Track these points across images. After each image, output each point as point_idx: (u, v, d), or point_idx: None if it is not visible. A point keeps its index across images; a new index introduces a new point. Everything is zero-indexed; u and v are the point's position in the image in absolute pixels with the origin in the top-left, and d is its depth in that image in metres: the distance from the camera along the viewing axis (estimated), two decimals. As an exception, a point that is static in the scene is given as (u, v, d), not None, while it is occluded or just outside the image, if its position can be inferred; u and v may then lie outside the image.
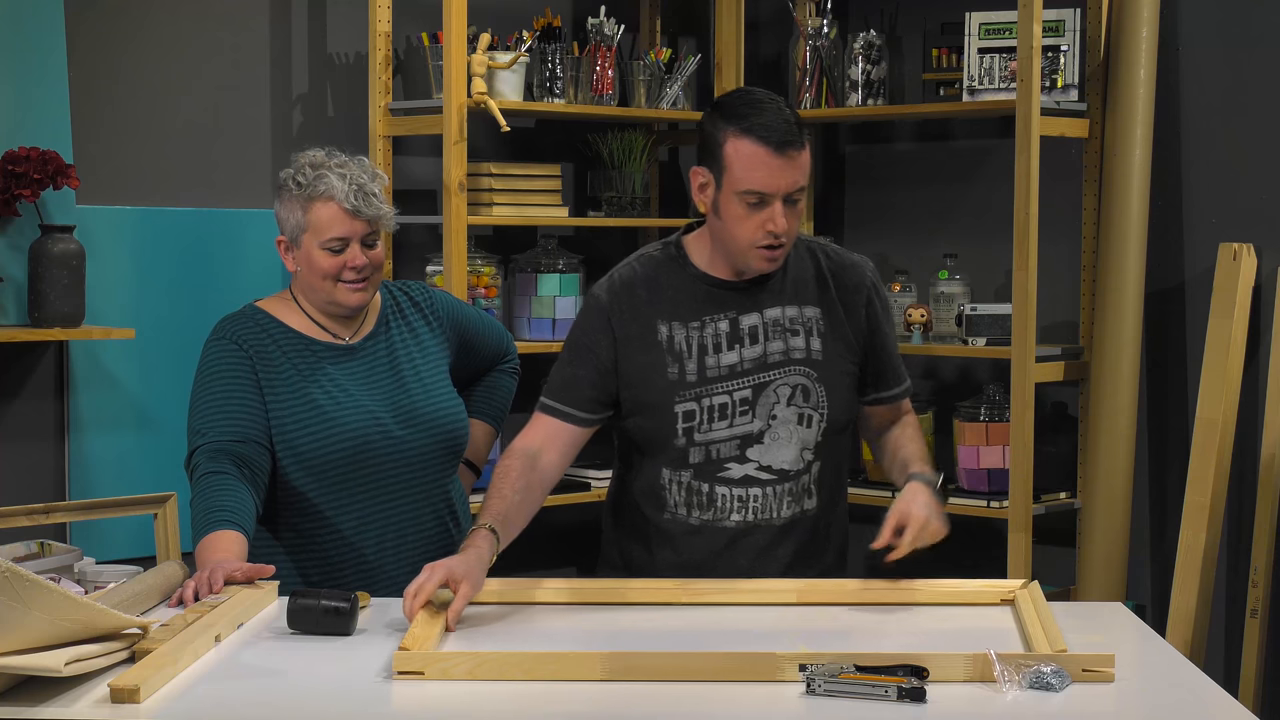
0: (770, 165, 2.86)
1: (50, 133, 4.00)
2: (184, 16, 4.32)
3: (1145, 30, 4.49)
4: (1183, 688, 2.47)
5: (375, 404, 3.15)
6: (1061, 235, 4.66)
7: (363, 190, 3.10)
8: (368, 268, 3.13)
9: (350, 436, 3.11)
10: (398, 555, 3.17)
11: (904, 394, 3.16)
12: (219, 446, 3.03)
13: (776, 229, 2.89)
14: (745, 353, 2.99)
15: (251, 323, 3.17)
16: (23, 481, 4.05)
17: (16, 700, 2.24)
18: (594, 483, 4.84)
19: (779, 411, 3.00)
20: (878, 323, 3.07)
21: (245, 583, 2.82)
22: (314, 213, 3.10)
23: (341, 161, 3.14)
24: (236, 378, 3.10)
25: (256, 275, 4.38)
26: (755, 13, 5.19)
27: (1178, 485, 4.44)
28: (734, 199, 2.90)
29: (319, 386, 3.13)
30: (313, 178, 3.10)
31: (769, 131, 2.86)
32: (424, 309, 3.30)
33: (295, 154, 3.19)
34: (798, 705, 2.31)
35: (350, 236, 3.10)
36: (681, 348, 2.99)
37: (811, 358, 3.00)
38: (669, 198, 5.28)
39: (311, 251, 3.11)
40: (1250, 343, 4.37)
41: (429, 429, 3.18)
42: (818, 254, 3.07)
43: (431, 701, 2.34)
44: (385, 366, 3.20)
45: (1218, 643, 4.44)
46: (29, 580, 2.24)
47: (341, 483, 3.13)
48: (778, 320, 3.00)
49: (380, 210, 3.13)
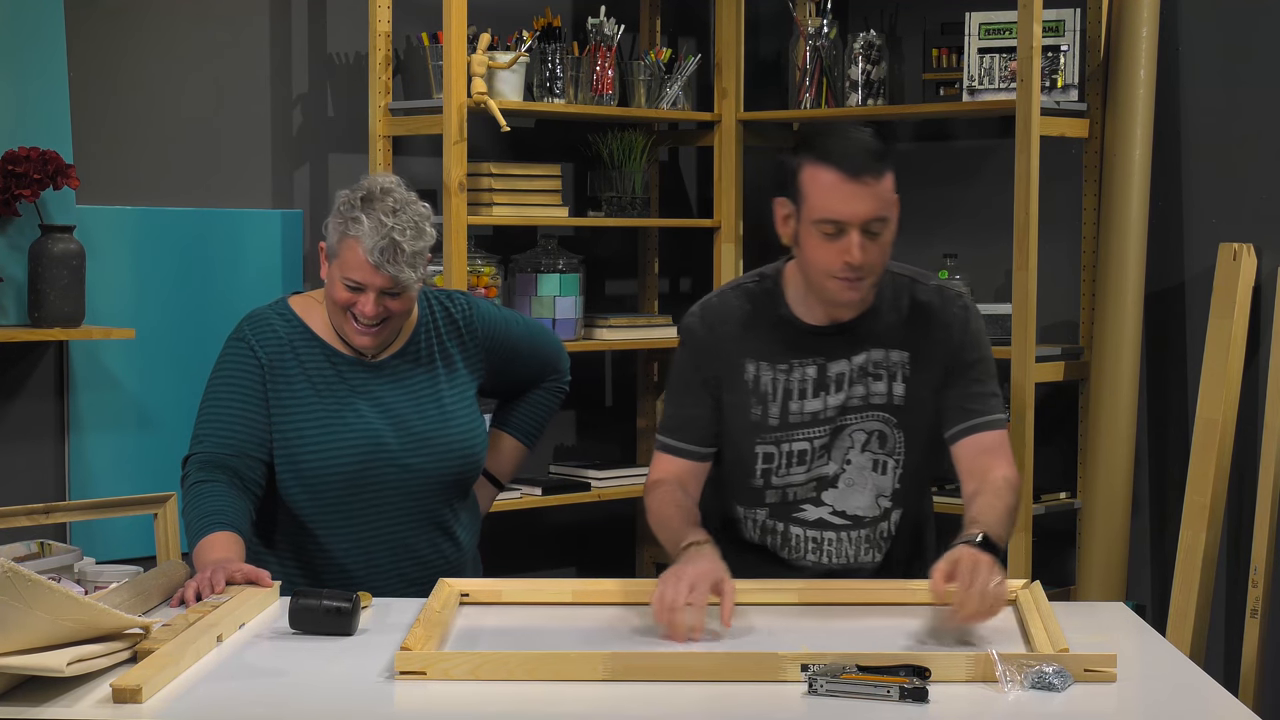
0: (845, 192, 2.77)
1: (50, 133, 4.00)
2: (184, 16, 4.32)
3: (1145, 30, 4.49)
4: (1184, 687, 2.47)
5: (386, 427, 3.10)
6: (1061, 235, 4.67)
7: (393, 246, 2.96)
8: (378, 317, 3.03)
9: (353, 458, 3.07)
10: (386, 575, 3.14)
11: (975, 429, 2.92)
12: (210, 458, 3.03)
13: (853, 260, 2.78)
14: (829, 400, 2.92)
15: (276, 325, 3.12)
16: (23, 481, 4.05)
17: (18, 700, 2.24)
18: (594, 483, 4.84)
19: (853, 457, 2.94)
20: (958, 360, 2.93)
21: (246, 584, 2.82)
22: (344, 245, 3.01)
23: (393, 206, 2.99)
24: (243, 387, 3.07)
25: (256, 275, 4.39)
26: (755, 13, 5.19)
27: (1178, 485, 4.44)
28: (812, 228, 2.80)
29: (330, 402, 3.09)
30: (354, 213, 3.00)
31: (844, 158, 2.77)
32: (461, 327, 3.20)
33: (366, 175, 3.07)
34: (800, 705, 2.31)
35: (366, 285, 3.01)
36: (767, 390, 2.93)
37: (893, 403, 2.93)
38: (669, 198, 5.28)
39: (334, 278, 3.04)
40: (1250, 343, 4.37)
41: (439, 457, 3.13)
42: (912, 292, 2.95)
43: (433, 702, 2.34)
44: (406, 389, 3.13)
45: (1218, 643, 4.44)
46: (31, 580, 2.24)
47: (338, 503, 3.09)
48: (863, 365, 2.92)
49: (403, 273, 2.98)
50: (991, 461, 2.89)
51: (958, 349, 2.93)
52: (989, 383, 2.94)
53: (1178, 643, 4.13)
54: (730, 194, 5.00)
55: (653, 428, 5.14)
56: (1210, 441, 4.28)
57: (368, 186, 3.02)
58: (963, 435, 2.92)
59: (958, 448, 2.93)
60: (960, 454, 2.93)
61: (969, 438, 2.92)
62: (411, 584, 3.14)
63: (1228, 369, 4.28)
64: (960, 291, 2.98)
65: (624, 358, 5.24)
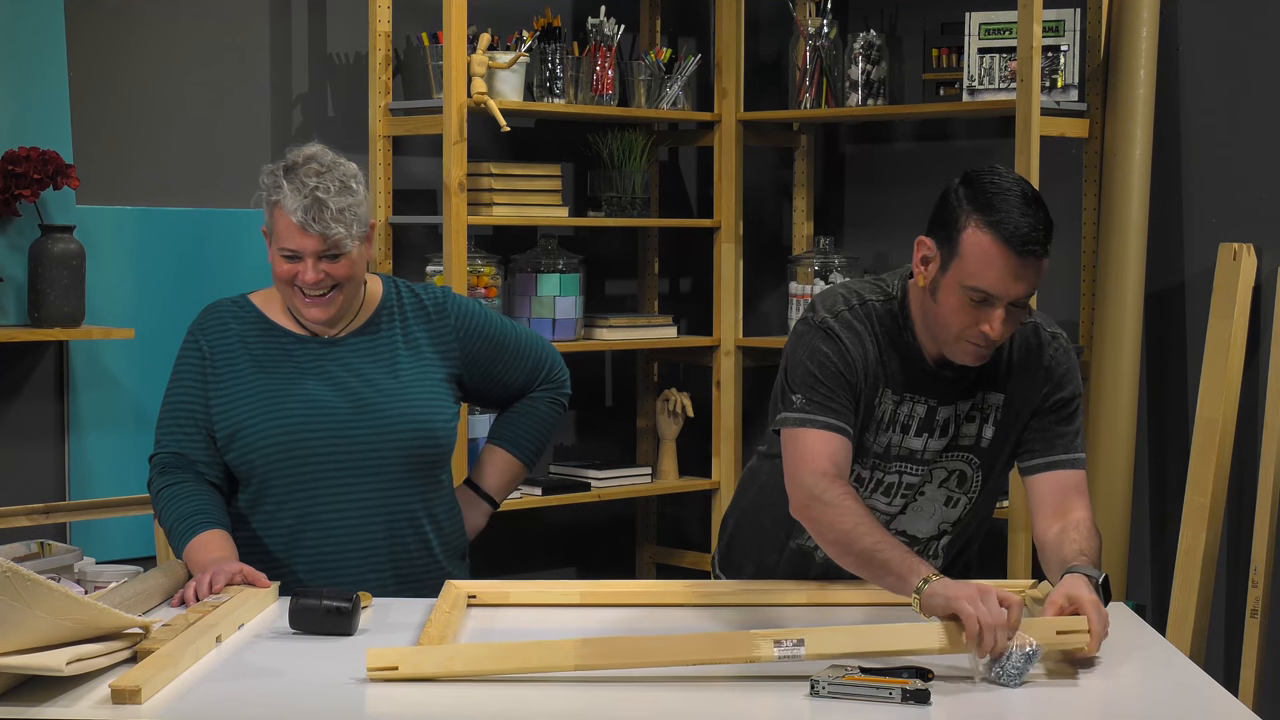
0: (1007, 268, 2.66)
1: (50, 133, 4.00)
2: (184, 16, 4.32)
3: (1145, 30, 4.49)
4: (1184, 687, 2.47)
5: (332, 396, 3.02)
6: (1061, 235, 4.62)
7: (317, 205, 2.92)
8: (323, 283, 2.98)
9: (292, 426, 2.99)
10: (337, 563, 3.03)
11: (1059, 465, 2.85)
12: (169, 459, 3.04)
13: (993, 334, 2.70)
14: (930, 443, 2.86)
15: (225, 313, 3.10)
16: (23, 481, 4.05)
17: (18, 700, 2.24)
18: (594, 483, 4.84)
19: (929, 490, 2.91)
20: (1051, 399, 2.87)
21: (244, 585, 2.82)
22: (274, 217, 2.99)
23: (317, 169, 2.96)
24: (189, 384, 3.07)
25: (256, 275, 4.36)
26: (755, 13, 5.20)
27: (1178, 485, 4.44)
28: (957, 288, 2.70)
29: (275, 379, 3.03)
30: (271, 184, 2.98)
31: (1016, 234, 2.65)
32: (430, 312, 3.14)
33: (289, 147, 3.09)
34: (802, 707, 2.31)
35: (300, 251, 2.96)
36: (884, 418, 2.85)
37: (980, 445, 2.88)
38: (669, 198, 5.28)
39: (274, 255, 3.01)
40: (1250, 343, 4.37)
41: (387, 427, 3.02)
42: (1014, 335, 2.87)
43: (433, 702, 2.34)
44: (361, 363, 3.06)
45: (1218, 643, 4.44)
46: (30, 580, 2.24)
47: (279, 476, 3.00)
48: (966, 410, 2.87)
49: (330, 230, 2.93)
50: (1075, 501, 2.84)
51: (1054, 390, 2.88)
52: (1076, 420, 2.90)
53: (1178, 643, 4.13)
54: (730, 194, 5.00)
55: (652, 427, 5.14)
56: (1210, 441, 4.27)
57: (290, 157, 3.00)
58: (1045, 469, 2.87)
59: (1038, 479, 2.87)
60: (1039, 486, 2.87)
61: (1051, 473, 2.86)
62: (370, 578, 3.02)
63: (1228, 369, 4.28)
64: (1057, 332, 2.92)
65: (624, 358, 5.24)
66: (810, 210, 5.24)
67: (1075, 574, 2.61)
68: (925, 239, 2.77)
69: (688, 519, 5.37)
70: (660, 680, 2.42)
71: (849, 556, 2.67)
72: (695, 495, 5.23)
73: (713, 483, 5.06)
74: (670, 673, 2.43)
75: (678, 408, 5.05)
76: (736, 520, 3.14)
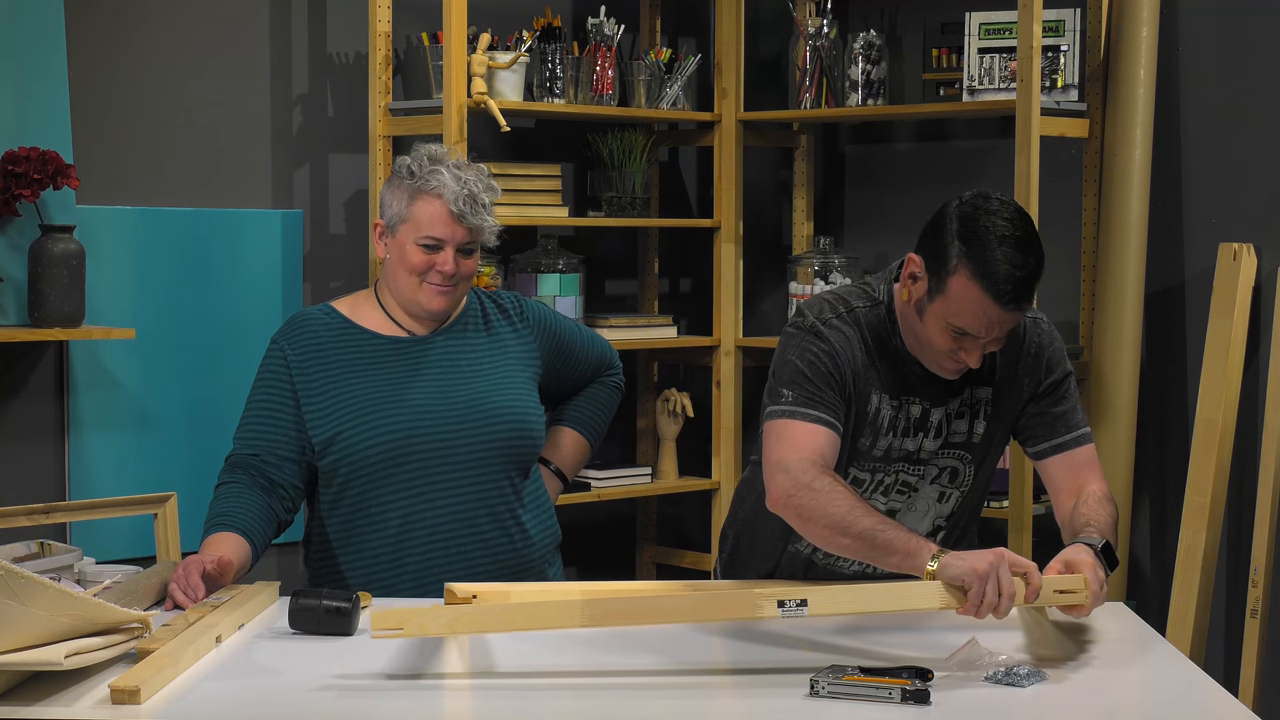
0: (989, 314, 2.70)
1: (50, 133, 4.00)
2: (184, 16, 4.32)
3: (1145, 30, 4.49)
4: (1184, 687, 2.47)
5: (429, 398, 3.09)
6: (1061, 235, 4.66)
7: (473, 198, 3.07)
8: (456, 276, 3.09)
9: (394, 430, 3.05)
10: (448, 560, 3.08)
11: (1066, 445, 2.92)
12: (237, 459, 3.08)
13: (973, 363, 2.76)
14: (925, 443, 2.89)
15: (313, 322, 3.14)
16: (23, 481, 4.05)
17: (17, 699, 2.24)
18: (594, 483, 4.84)
19: (922, 487, 2.94)
20: (1044, 382, 2.91)
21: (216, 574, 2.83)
22: (418, 206, 3.07)
23: (460, 163, 3.11)
24: (272, 389, 3.10)
25: (256, 275, 4.39)
26: (755, 13, 5.19)
27: (1178, 485, 4.44)
28: (940, 319, 2.74)
29: (370, 381, 3.09)
30: (427, 171, 3.08)
31: (1004, 285, 2.67)
32: (512, 316, 3.25)
33: (417, 144, 3.18)
34: (802, 707, 2.31)
35: (447, 240, 3.07)
36: (881, 423, 2.87)
37: (971, 440, 2.92)
38: (669, 198, 5.28)
39: (405, 244, 3.08)
40: (1250, 343, 4.37)
41: (486, 425, 3.10)
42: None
43: (435, 702, 2.34)
44: (451, 361, 3.14)
45: (1218, 643, 4.44)
46: (24, 578, 2.25)
47: (384, 479, 3.06)
48: (957, 408, 2.90)
49: (484, 222, 3.10)
50: (1088, 476, 2.91)
51: (1045, 373, 2.91)
52: (1072, 397, 2.93)
53: (1178, 643, 4.13)
54: (730, 194, 5.00)
55: (653, 427, 5.14)
56: (1210, 441, 4.27)
57: (427, 152, 3.12)
58: (1054, 452, 2.92)
59: (1049, 464, 2.93)
60: (1053, 470, 2.93)
61: (1061, 455, 2.92)
62: (479, 572, 3.08)
63: (1228, 369, 4.28)
64: (1038, 316, 2.94)
65: (624, 358, 5.19)
66: (810, 210, 5.24)
67: (1076, 543, 2.70)
68: (915, 257, 2.79)
69: (688, 519, 5.37)
70: (660, 681, 2.42)
71: (846, 539, 2.67)
72: (695, 495, 5.23)
73: (713, 483, 5.06)
74: (670, 673, 2.43)
75: (678, 408, 5.05)
76: (737, 532, 3.15)
